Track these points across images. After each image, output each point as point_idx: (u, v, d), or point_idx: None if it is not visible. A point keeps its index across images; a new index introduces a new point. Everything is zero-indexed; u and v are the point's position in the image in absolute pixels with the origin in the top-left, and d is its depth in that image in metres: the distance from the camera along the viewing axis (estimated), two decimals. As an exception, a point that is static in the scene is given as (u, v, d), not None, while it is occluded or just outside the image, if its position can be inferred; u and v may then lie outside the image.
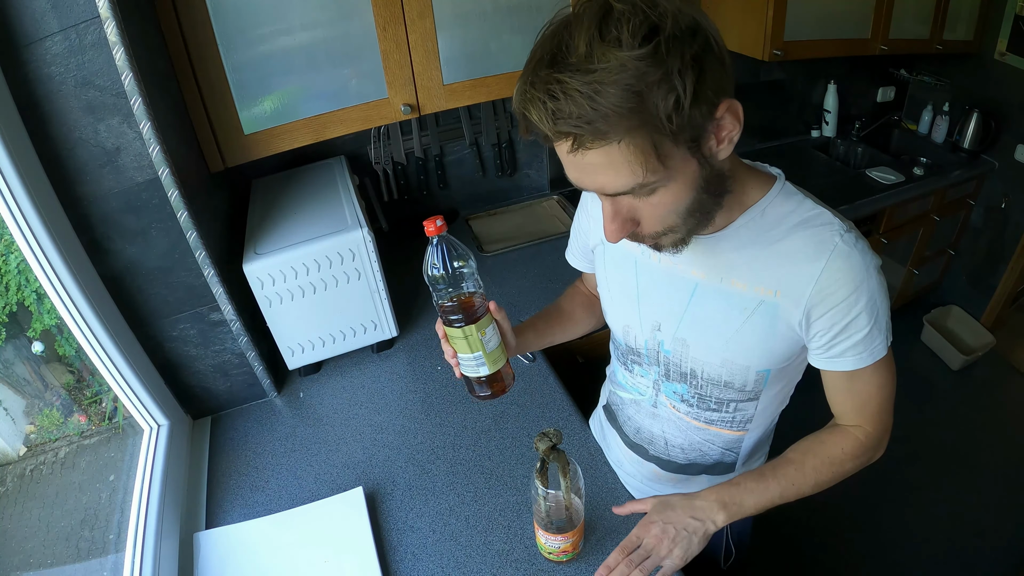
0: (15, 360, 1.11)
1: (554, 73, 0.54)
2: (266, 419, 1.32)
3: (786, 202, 0.74)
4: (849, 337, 0.73)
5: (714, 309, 0.79)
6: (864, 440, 0.83)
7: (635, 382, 0.96)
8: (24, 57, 0.88)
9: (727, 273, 0.76)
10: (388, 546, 1.04)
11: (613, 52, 0.53)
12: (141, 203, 1.04)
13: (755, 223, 0.74)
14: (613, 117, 0.54)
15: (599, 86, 0.53)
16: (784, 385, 0.87)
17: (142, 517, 1.06)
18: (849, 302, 0.71)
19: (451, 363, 0.84)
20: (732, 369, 0.81)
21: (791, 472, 0.82)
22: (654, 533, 0.82)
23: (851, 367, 0.75)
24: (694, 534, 0.81)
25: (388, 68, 1.35)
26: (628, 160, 0.58)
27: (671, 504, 0.84)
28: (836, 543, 1.94)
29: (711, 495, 0.82)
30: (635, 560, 0.81)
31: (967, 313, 2.63)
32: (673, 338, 0.84)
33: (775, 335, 0.76)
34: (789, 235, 0.73)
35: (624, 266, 0.87)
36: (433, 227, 0.74)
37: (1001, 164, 2.36)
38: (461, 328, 0.78)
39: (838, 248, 0.70)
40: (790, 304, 0.73)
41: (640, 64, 0.53)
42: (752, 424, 0.90)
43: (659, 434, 0.97)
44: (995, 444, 2.24)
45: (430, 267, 0.75)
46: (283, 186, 1.48)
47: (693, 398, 0.88)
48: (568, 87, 0.53)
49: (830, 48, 1.94)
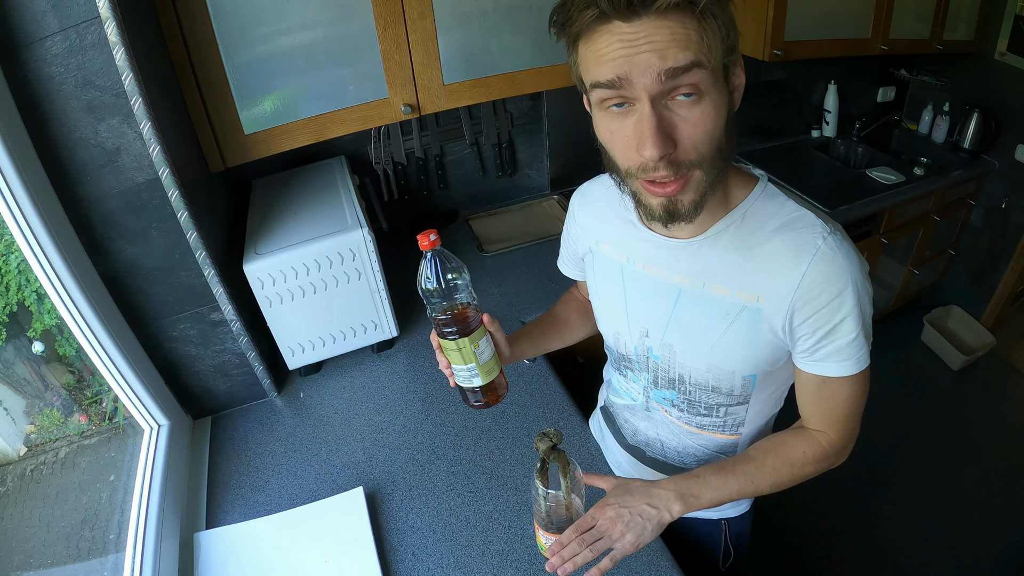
0: (15, 360, 1.11)
1: None
2: (266, 419, 1.32)
3: (768, 204, 0.73)
4: (834, 341, 0.72)
5: (698, 315, 0.78)
6: (827, 446, 0.81)
7: (628, 387, 0.96)
8: (24, 57, 0.88)
9: (709, 279, 0.76)
10: (388, 546, 1.04)
11: None
12: (141, 203, 1.04)
13: (736, 227, 0.73)
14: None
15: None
16: (775, 389, 0.87)
17: (142, 517, 1.06)
18: (833, 306, 0.69)
19: (445, 373, 0.84)
20: (718, 374, 0.81)
21: (751, 469, 0.81)
22: (609, 516, 0.80)
23: (834, 373, 0.74)
24: (648, 521, 0.79)
25: (388, 68, 1.35)
26: (698, 34, 0.59)
27: (630, 489, 0.82)
28: (836, 544, 1.94)
29: (670, 485, 0.81)
30: (587, 540, 0.80)
31: (967, 313, 2.63)
32: (661, 344, 0.84)
33: (758, 341, 0.76)
34: (771, 238, 0.72)
35: (611, 274, 0.87)
36: (427, 241, 0.74)
37: (1001, 164, 2.36)
38: (455, 340, 0.78)
39: (820, 251, 0.69)
40: (772, 309, 0.72)
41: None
42: (745, 428, 0.89)
43: (655, 437, 0.97)
44: (995, 444, 2.24)
45: (424, 280, 0.76)
46: (283, 186, 1.48)
47: (683, 403, 0.88)
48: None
49: (830, 48, 1.94)
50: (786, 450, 0.82)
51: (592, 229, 0.90)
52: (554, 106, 1.91)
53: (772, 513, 0.83)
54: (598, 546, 0.80)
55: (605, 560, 0.79)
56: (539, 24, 1.48)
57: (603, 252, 0.88)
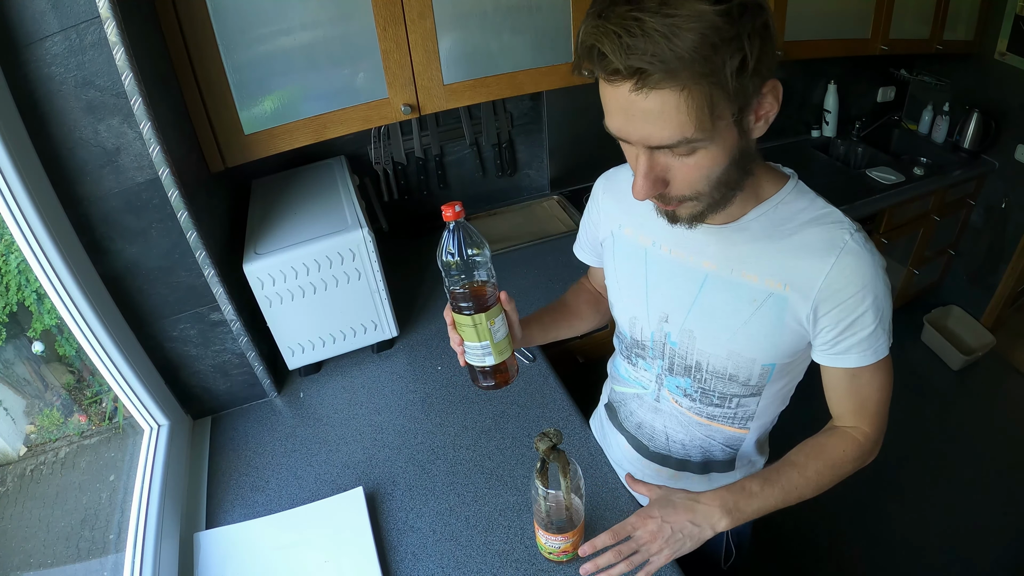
0: (15, 360, 1.11)
1: (632, 11, 0.55)
2: (266, 419, 1.32)
3: (799, 199, 0.76)
4: (855, 334, 0.74)
5: (723, 300, 0.79)
6: (863, 442, 0.83)
7: (638, 375, 0.97)
8: (24, 57, 0.88)
9: (738, 265, 0.77)
10: (388, 546, 1.04)
11: (691, 2, 0.54)
12: (141, 203, 1.04)
13: (768, 217, 0.75)
14: (686, 59, 0.55)
15: (677, 29, 0.54)
16: (787, 383, 0.88)
17: (142, 517, 1.06)
18: (856, 299, 0.72)
19: (456, 350, 0.84)
20: (738, 362, 0.82)
21: (794, 476, 0.81)
22: (650, 529, 0.80)
23: (855, 364, 0.76)
24: (688, 538, 0.80)
25: (388, 68, 1.35)
26: (684, 111, 0.59)
27: (673, 503, 0.81)
28: (836, 543, 1.94)
29: (715, 500, 0.80)
30: (624, 551, 0.81)
31: (967, 313, 2.63)
32: (680, 329, 0.85)
33: (782, 328, 0.77)
34: (801, 230, 0.74)
35: (635, 257, 0.88)
36: (451, 212, 0.72)
37: (1001, 164, 2.36)
38: (471, 316, 0.77)
39: (848, 246, 0.72)
40: (799, 298, 0.74)
41: (717, 19, 0.54)
42: (753, 423, 0.90)
43: (660, 429, 0.97)
44: (995, 444, 2.24)
45: (444, 253, 0.74)
46: (283, 186, 1.48)
47: (696, 392, 0.89)
48: (646, 25, 0.55)
49: (830, 48, 1.94)
50: (826, 453, 0.83)
51: (614, 214, 0.91)
52: (554, 106, 1.91)
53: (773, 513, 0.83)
54: (635, 560, 0.81)
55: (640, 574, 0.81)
56: (539, 24, 1.49)
57: (626, 236, 0.89)
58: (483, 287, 0.77)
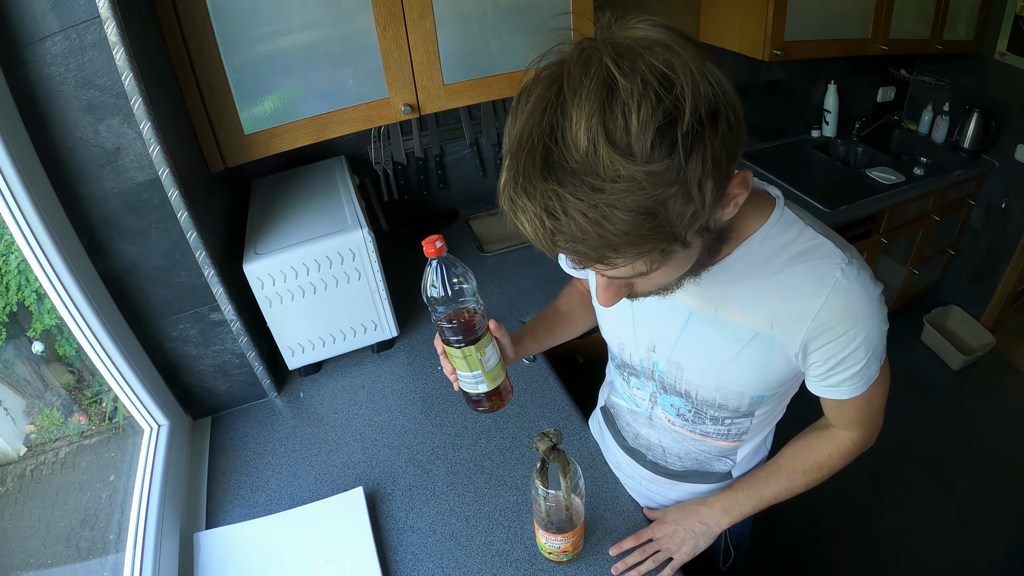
0: (15, 360, 1.11)
1: (552, 185, 0.46)
2: (266, 419, 1.32)
3: (785, 231, 0.70)
4: (846, 369, 0.72)
5: (709, 337, 0.77)
6: (851, 445, 0.86)
7: (632, 393, 0.96)
8: (24, 57, 0.88)
9: (722, 304, 0.74)
10: (388, 546, 1.04)
11: (622, 164, 0.44)
12: (141, 203, 1.04)
13: (752, 255, 0.70)
14: (622, 245, 0.48)
15: (607, 209, 0.46)
16: (779, 401, 0.88)
17: (142, 517, 1.06)
18: (848, 336, 0.69)
19: (450, 378, 0.84)
20: (726, 394, 0.81)
21: (782, 478, 0.90)
22: (667, 532, 0.96)
23: (847, 396, 0.75)
24: (701, 535, 0.95)
25: (388, 68, 1.35)
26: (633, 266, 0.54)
27: (683, 509, 0.97)
28: (835, 544, 1.94)
29: (716, 503, 0.94)
30: (648, 551, 0.96)
31: (967, 313, 2.63)
32: (668, 361, 0.83)
33: (771, 365, 0.75)
34: (787, 267, 0.69)
35: None
36: (432, 249, 0.71)
37: (1001, 164, 2.36)
38: (461, 348, 0.76)
39: (838, 283, 0.67)
40: (787, 338, 0.71)
41: (655, 179, 0.45)
42: (747, 436, 0.90)
43: (656, 442, 0.97)
44: (995, 444, 2.24)
45: (429, 288, 0.73)
46: (283, 186, 1.48)
47: (689, 412, 0.88)
48: (570, 207, 0.46)
49: (830, 48, 1.94)
50: (812, 455, 0.89)
51: None
52: (554, 106, 1.90)
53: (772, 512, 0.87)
54: (659, 556, 0.96)
55: (667, 570, 0.95)
56: (539, 24, 1.49)
57: None
58: (471, 318, 0.75)
